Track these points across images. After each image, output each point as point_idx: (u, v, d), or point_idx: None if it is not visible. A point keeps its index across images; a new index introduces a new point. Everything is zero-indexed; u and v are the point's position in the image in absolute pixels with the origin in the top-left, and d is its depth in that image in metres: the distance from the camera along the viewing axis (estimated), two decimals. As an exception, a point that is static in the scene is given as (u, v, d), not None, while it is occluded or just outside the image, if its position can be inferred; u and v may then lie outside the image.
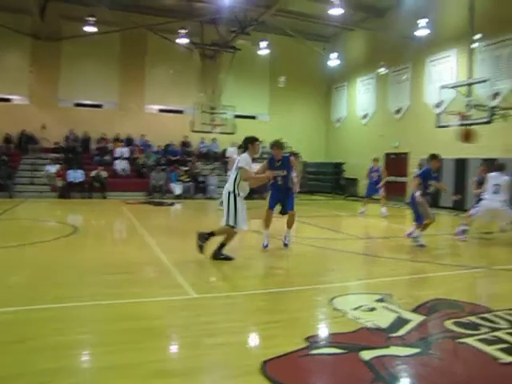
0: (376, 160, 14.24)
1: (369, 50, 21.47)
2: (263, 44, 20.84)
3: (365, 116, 21.60)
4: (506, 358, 3.47)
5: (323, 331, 4.07)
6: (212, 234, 6.69)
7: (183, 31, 19.34)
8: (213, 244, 6.62)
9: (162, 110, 21.49)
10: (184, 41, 19.68)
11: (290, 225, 8.00)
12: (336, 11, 16.31)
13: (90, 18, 17.97)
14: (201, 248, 6.62)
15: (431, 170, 8.49)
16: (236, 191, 6.59)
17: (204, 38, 20.35)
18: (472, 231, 9.57)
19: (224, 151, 21.43)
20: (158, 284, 5.45)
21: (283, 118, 23.04)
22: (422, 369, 3.36)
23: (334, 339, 3.85)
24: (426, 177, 8.37)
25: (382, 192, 13.80)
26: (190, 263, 6.62)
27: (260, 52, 21.18)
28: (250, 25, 18.68)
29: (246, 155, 6.81)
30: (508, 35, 14.46)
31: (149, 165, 19.21)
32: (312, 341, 3.68)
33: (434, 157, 8.56)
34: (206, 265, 6.66)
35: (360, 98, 22.06)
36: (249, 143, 6.89)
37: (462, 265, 7.08)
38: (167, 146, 20.77)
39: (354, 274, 6.42)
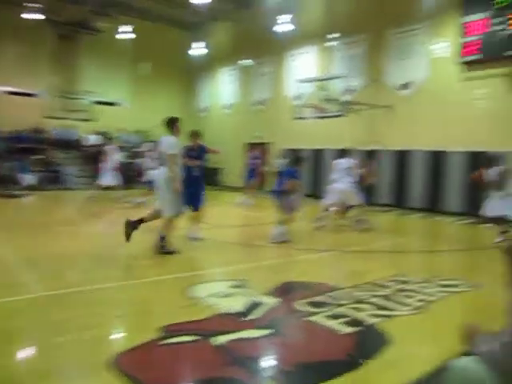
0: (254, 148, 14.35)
1: (234, 41, 21.74)
2: (126, 28, 19.90)
3: (228, 106, 21.91)
4: (346, 330, 3.74)
5: (177, 320, 3.97)
6: (141, 221, 6.36)
7: (36, 6, 17.58)
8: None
9: (10, 93, 19.41)
10: (36, 16, 17.88)
11: (198, 221, 7.65)
12: (202, 0, 16.18)
13: None
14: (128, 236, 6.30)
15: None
16: (169, 178, 6.24)
17: (60, 15, 18.74)
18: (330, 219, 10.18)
19: (80, 138, 20.18)
20: (2, 284, 4.89)
21: (147, 106, 22.29)
22: (272, 348, 3.47)
23: (188, 327, 3.79)
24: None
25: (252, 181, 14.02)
26: (41, 260, 6.08)
27: (123, 36, 20.19)
28: (113, 6, 17.72)
29: (171, 139, 6.45)
30: (360, 37, 15.69)
31: (-4, 153, 17.31)
32: (165, 330, 3.60)
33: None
34: (57, 260, 6.17)
35: (224, 88, 22.30)
36: (172, 124, 6.59)
37: (315, 249, 7.47)
38: (17, 132, 18.87)
39: (213, 261, 6.44)
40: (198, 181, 7.50)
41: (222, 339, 3.45)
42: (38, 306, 4.24)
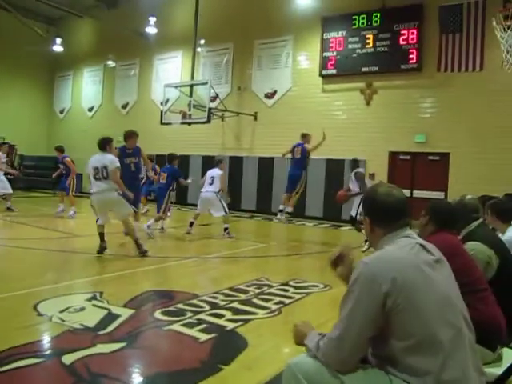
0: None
1: (98, 40, 20.70)
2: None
3: (91, 108, 20.81)
4: (204, 336, 3.75)
5: (20, 342, 3.59)
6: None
7: None
8: None
9: None
10: None
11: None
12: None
13: None
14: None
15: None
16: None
17: None
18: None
19: None
20: None
21: (-2, 105, 20.22)
22: (126, 362, 3.35)
23: (32, 348, 3.46)
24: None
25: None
26: None
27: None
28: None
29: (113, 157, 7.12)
30: (226, 45, 16.04)
31: None
32: (4, 355, 3.22)
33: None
34: None
35: (86, 89, 21.12)
36: (107, 145, 7.15)
37: (177, 256, 7.40)
38: None
39: (66, 274, 6.02)
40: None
41: (73, 357, 3.23)
42: None
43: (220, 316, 4.27)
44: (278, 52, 15.06)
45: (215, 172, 9.76)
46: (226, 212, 9.47)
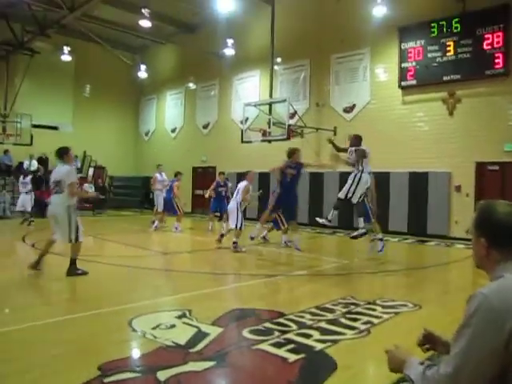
0: (222, 174, 14.01)
1: (178, 64, 21.75)
2: (67, 49, 19.44)
3: (173, 130, 21.76)
4: (293, 357, 3.69)
5: (118, 356, 3.77)
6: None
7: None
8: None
9: None
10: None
11: None
12: (145, 23, 16.13)
13: None
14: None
15: None
16: (71, 206, 6.60)
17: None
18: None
19: (20, 164, 19.40)
20: None
21: (89, 129, 21.75)
22: (217, 381, 3.38)
23: (129, 363, 3.62)
24: None
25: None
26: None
27: (63, 57, 19.69)
28: (51, 27, 17.25)
29: (68, 167, 6.78)
30: (302, 62, 16.13)
31: None
32: (105, 368, 3.39)
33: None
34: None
35: (169, 111, 22.18)
36: (64, 154, 6.84)
37: (261, 274, 7.43)
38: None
39: (156, 291, 6.23)
40: None
41: (167, 373, 3.31)
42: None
43: (308, 336, 4.20)
44: (355, 65, 14.88)
45: (241, 184, 10.18)
46: (236, 227, 9.57)
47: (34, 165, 19.45)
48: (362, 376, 3.44)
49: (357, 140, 8.88)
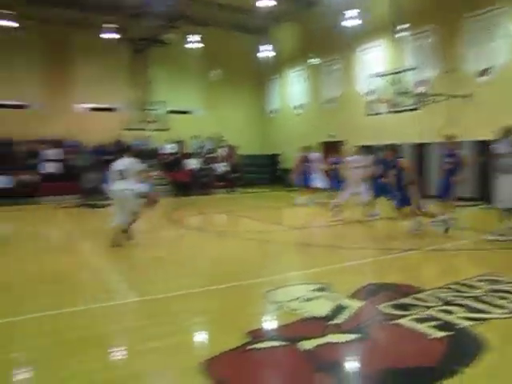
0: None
1: (300, 41, 21.68)
2: (194, 37, 20.48)
3: (299, 106, 21.85)
4: (436, 334, 3.59)
5: (262, 325, 4.02)
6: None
7: (110, 26, 18.60)
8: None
9: (92, 109, 20.64)
10: (111, 36, 18.92)
11: None
12: (266, 3, 16.29)
13: (8, 12, 16.81)
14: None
15: None
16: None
17: (132, 32, 19.67)
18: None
19: (160, 148, 21.07)
20: (94, 291, 5.21)
21: (219, 112, 22.83)
22: (359, 353, 3.41)
23: (272, 332, 3.82)
24: None
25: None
26: (127, 266, 6.43)
27: (192, 46, 20.81)
28: (179, 18, 18.30)
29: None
30: (430, 26, 15.06)
31: (81, 166, 18.44)
32: (251, 336, 3.63)
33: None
34: (143, 267, 6.50)
35: (293, 88, 22.27)
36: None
37: (396, 248, 7.25)
38: (100, 145, 20.02)
39: (292, 265, 6.43)
40: None
41: (308, 344, 3.44)
42: (126, 312, 4.43)
43: (450, 312, 4.03)
44: (491, 23, 13.45)
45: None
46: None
47: (172, 148, 21.03)
48: (513, 359, 3.22)
49: None
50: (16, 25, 17.04)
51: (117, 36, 19.04)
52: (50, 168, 17.93)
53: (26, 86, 19.23)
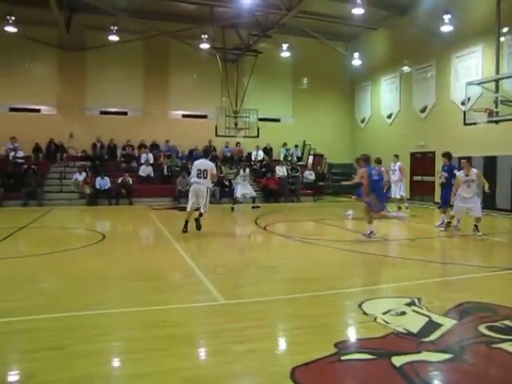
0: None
1: (391, 48, 21.20)
2: (285, 46, 20.81)
3: (389, 115, 21.32)
4: (543, 363, 3.38)
5: (353, 336, 4.03)
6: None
7: (205, 36, 19.44)
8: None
9: (185, 116, 21.67)
10: (206, 46, 19.76)
11: None
12: (357, 11, 16.17)
13: (113, 27, 18.28)
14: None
15: None
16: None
17: (225, 42, 20.41)
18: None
19: (249, 154, 21.54)
20: (186, 290, 5.47)
21: (307, 120, 22.95)
22: (454, 375, 3.29)
23: (364, 344, 3.80)
24: None
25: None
26: (218, 268, 6.67)
27: (282, 54, 21.14)
28: (271, 28, 18.67)
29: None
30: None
31: (174, 170, 19.38)
32: (341, 346, 3.65)
33: None
34: (233, 270, 6.72)
35: (384, 97, 21.80)
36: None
37: (492, 266, 6.89)
38: (192, 150, 20.91)
39: (382, 277, 6.34)
40: None
41: (401, 360, 3.38)
42: (218, 313, 4.60)
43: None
44: None
45: None
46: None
47: (260, 155, 21.47)
48: None
49: None
50: (118, 38, 18.40)
51: (211, 46, 19.84)
52: (146, 171, 19.03)
53: (127, 95, 20.66)
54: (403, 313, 4.49)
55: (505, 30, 14.41)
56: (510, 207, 14.63)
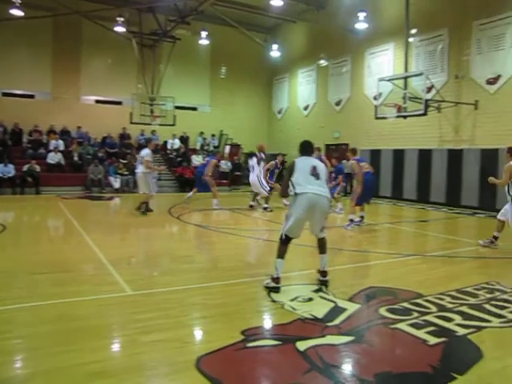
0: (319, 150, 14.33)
1: (309, 41, 21.67)
2: (204, 34, 20.52)
3: (306, 107, 21.83)
4: (433, 340, 3.60)
5: (259, 324, 4.04)
6: None
7: (120, 19, 18.58)
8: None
9: (99, 101, 20.69)
10: (121, 29, 18.89)
11: None
12: (277, 2, 16.29)
13: (17, 0, 16.71)
14: None
15: None
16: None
17: (142, 26, 19.62)
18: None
19: (165, 143, 21.09)
20: (94, 282, 5.23)
21: (224, 109, 22.89)
22: (355, 356, 3.41)
23: (270, 331, 3.85)
24: None
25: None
26: (128, 259, 6.47)
27: (200, 42, 20.85)
28: (190, 14, 18.29)
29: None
30: (440, 31, 15.04)
31: (86, 158, 18.51)
32: (248, 334, 3.66)
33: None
34: (145, 261, 6.58)
35: (301, 89, 22.26)
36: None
37: (396, 253, 7.28)
38: (105, 138, 20.07)
39: (293, 265, 6.42)
40: None
41: (305, 344, 3.45)
42: (126, 304, 4.46)
43: (449, 319, 4.05)
44: (501, 31, 13.37)
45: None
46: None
47: (177, 143, 21.09)
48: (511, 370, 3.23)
49: None
50: (22, 13, 16.85)
51: (128, 30, 19.04)
52: (55, 158, 17.98)
53: (34, 76, 19.32)
54: (310, 299, 4.59)
55: (413, 31, 15.21)
56: (415, 197, 15.56)
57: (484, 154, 13.64)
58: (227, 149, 21.67)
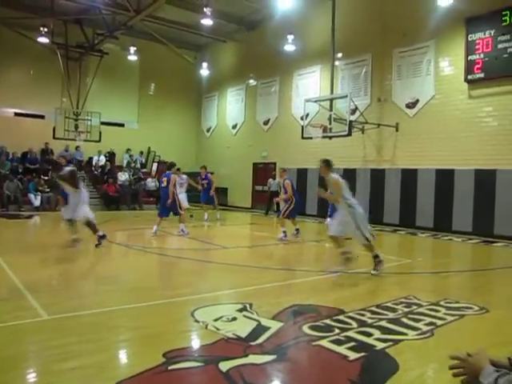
0: (204, 168, 15.19)
1: (239, 61, 22.01)
2: (132, 49, 20.24)
3: (234, 126, 22.04)
4: (353, 355, 3.68)
5: (182, 345, 3.93)
6: None
7: (44, 29, 17.88)
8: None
9: (18, 114, 19.68)
10: (45, 40, 18.19)
11: None
12: (207, 21, 16.42)
13: None
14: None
15: None
16: None
17: (68, 38, 19.04)
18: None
19: (90, 159, 20.43)
20: (5, 308, 4.85)
21: (153, 126, 22.56)
22: (277, 374, 3.42)
23: (192, 352, 3.76)
24: None
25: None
26: (45, 282, 6.10)
27: (129, 57, 20.53)
28: (119, 29, 17.99)
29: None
30: (364, 56, 15.84)
31: (3, 174, 17.45)
32: (170, 356, 3.55)
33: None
34: (64, 283, 6.26)
35: (230, 108, 22.48)
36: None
37: (320, 270, 7.45)
38: (25, 153, 19.06)
39: (217, 284, 6.39)
40: None
41: (228, 364, 3.40)
42: (42, 330, 4.20)
43: (368, 334, 4.16)
44: (418, 59, 14.38)
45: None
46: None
47: (102, 160, 20.46)
48: (424, 379, 3.36)
49: None
50: None
51: (52, 41, 18.34)
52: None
53: None
54: (234, 318, 4.55)
55: (339, 55, 15.93)
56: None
57: (404, 174, 14.40)
58: (155, 166, 21.32)
